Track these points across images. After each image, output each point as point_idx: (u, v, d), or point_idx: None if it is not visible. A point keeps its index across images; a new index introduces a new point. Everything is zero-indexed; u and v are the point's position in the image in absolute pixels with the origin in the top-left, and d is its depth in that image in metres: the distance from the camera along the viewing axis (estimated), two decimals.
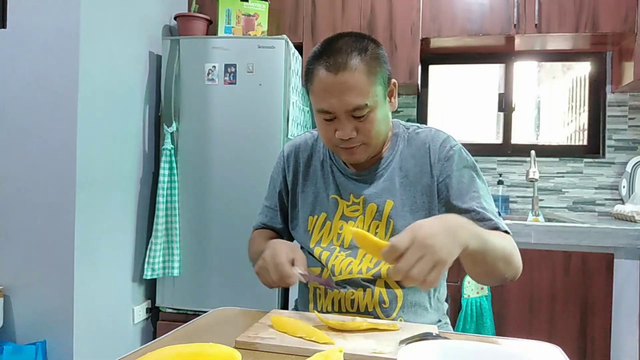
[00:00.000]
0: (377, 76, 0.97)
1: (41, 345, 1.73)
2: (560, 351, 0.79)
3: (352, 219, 1.07)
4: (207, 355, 0.67)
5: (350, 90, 0.94)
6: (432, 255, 0.75)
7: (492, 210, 1.02)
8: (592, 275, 1.89)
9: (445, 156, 1.03)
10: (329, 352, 0.68)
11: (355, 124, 0.97)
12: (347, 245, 1.06)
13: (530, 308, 1.93)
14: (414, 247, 0.75)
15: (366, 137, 0.99)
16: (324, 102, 0.97)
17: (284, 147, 1.22)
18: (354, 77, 0.94)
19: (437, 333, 0.79)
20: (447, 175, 1.03)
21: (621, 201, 2.45)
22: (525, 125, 2.82)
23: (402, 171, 1.06)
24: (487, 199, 1.03)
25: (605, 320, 1.88)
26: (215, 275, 2.15)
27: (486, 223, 0.97)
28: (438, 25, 2.34)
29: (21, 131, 1.80)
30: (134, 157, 2.14)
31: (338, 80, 0.94)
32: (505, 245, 0.92)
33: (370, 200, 1.06)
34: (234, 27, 2.28)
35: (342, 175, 1.11)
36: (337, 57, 0.95)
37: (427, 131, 1.09)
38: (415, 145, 1.07)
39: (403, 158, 1.07)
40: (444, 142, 1.05)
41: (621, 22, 2.17)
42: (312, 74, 1.00)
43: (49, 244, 1.78)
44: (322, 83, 0.96)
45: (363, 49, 0.96)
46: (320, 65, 0.97)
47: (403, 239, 0.76)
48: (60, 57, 1.77)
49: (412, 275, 0.74)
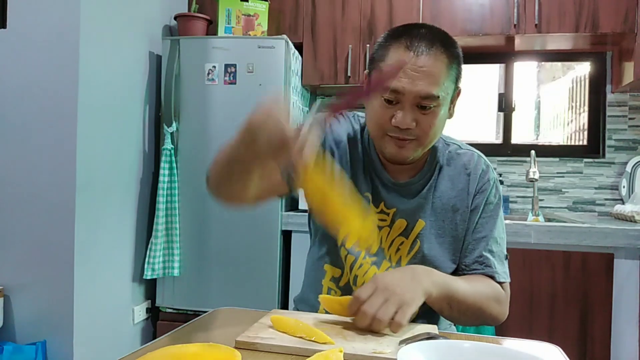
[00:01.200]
0: (453, 72, 0.92)
1: (41, 345, 1.73)
2: (560, 351, 0.79)
3: (378, 228, 1.01)
4: (207, 355, 0.67)
5: (427, 76, 0.87)
6: (395, 298, 0.79)
7: (499, 254, 1.00)
8: (592, 275, 1.89)
9: (482, 188, 1.01)
10: (329, 352, 0.68)
11: (417, 115, 0.90)
12: (374, 252, 1.02)
13: (530, 308, 1.93)
14: (377, 293, 0.80)
15: (422, 133, 0.91)
16: (395, 81, 0.87)
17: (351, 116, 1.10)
18: (435, 64, 0.88)
19: (437, 333, 0.79)
20: (476, 207, 1.01)
21: (621, 201, 2.45)
22: (525, 125, 2.82)
23: (437, 191, 1.01)
24: (500, 239, 1.01)
25: (605, 320, 1.88)
26: (215, 275, 2.15)
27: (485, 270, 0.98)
28: (438, 25, 2.33)
29: (21, 131, 1.80)
30: (134, 157, 2.14)
31: (418, 63, 0.87)
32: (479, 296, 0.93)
33: (402, 215, 1.01)
34: (234, 27, 2.28)
35: (378, 179, 1.03)
36: (422, 39, 0.89)
37: (470, 155, 1.03)
38: (455, 168, 1.02)
39: (441, 178, 1.02)
40: (483, 173, 1.01)
41: (621, 22, 2.17)
42: (386, 49, 0.91)
43: (49, 244, 1.78)
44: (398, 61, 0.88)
45: (447, 42, 0.91)
46: (400, 43, 0.89)
47: (365, 288, 0.81)
48: (60, 57, 1.77)
49: (378, 316, 0.77)
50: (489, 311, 0.95)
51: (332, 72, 2.40)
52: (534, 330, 1.92)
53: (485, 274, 0.99)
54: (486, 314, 0.95)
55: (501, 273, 0.99)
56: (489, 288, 0.97)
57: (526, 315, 1.93)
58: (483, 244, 0.99)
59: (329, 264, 1.05)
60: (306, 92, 2.56)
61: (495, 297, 0.96)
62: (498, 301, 0.97)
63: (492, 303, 0.95)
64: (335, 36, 2.40)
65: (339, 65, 2.40)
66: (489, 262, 0.99)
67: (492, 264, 0.99)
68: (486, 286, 0.97)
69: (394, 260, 1.02)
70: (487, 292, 0.96)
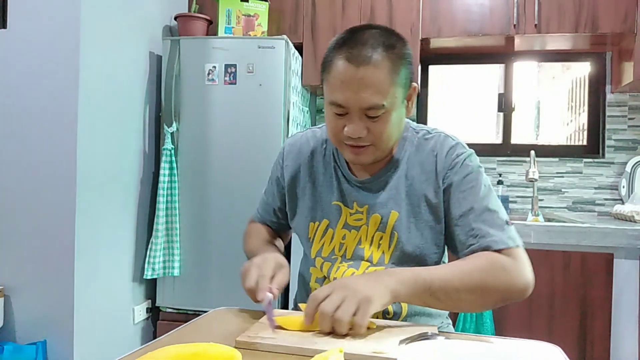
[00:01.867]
0: (399, 76, 0.90)
1: (41, 345, 1.73)
2: (560, 351, 0.79)
3: (355, 228, 1.02)
4: (207, 355, 0.67)
5: (369, 87, 0.87)
6: (354, 296, 0.77)
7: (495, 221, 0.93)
8: (591, 275, 1.89)
9: (451, 164, 0.97)
10: (330, 352, 0.68)
11: (367, 123, 0.91)
12: (350, 256, 1.02)
13: (530, 308, 1.93)
14: (334, 292, 0.78)
15: (376, 139, 0.92)
16: (339, 94, 0.89)
17: (284, 144, 1.15)
18: (376, 73, 0.87)
19: (437, 333, 0.80)
20: (450, 183, 0.96)
21: (621, 201, 2.46)
22: (525, 125, 2.82)
23: (408, 179, 1.00)
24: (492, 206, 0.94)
25: (605, 320, 1.88)
26: (215, 275, 2.15)
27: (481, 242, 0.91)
28: (438, 25, 2.34)
29: (21, 131, 1.80)
30: (134, 157, 2.14)
31: (358, 75, 0.87)
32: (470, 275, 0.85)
33: (375, 210, 1.00)
34: (234, 27, 2.28)
35: (347, 181, 1.04)
36: (361, 49, 0.87)
37: (437, 137, 1.01)
38: (424, 152, 1.00)
39: (410, 165, 1.00)
40: (450, 150, 0.98)
41: (621, 22, 2.17)
42: (330, 62, 0.92)
43: (49, 244, 1.78)
44: (340, 74, 0.89)
45: (390, 46, 0.89)
46: (341, 55, 0.89)
47: (322, 289, 0.80)
48: (60, 57, 1.77)
49: (337, 316, 0.76)
50: (493, 284, 0.86)
51: None
52: (534, 330, 1.92)
53: (482, 246, 0.90)
54: (490, 288, 0.86)
55: (501, 239, 0.90)
56: (482, 260, 0.88)
57: (526, 315, 1.93)
58: (471, 216, 0.93)
59: (313, 266, 1.08)
60: (306, 92, 2.56)
61: (495, 267, 0.87)
62: (503, 269, 0.87)
63: (493, 274, 0.86)
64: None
65: None
66: (482, 233, 0.91)
67: (486, 234, 0.91)
68: (478, 260, 0.88)
69: (376, 256, 1.00)
70: (479, 265, 0.87)
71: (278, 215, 1.19)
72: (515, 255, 0.91)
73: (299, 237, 1.11)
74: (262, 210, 1.22)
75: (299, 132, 1.15)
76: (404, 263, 0.98)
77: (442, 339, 0.74)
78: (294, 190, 1.10)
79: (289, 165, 1.11)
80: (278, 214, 1.19)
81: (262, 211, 1.22)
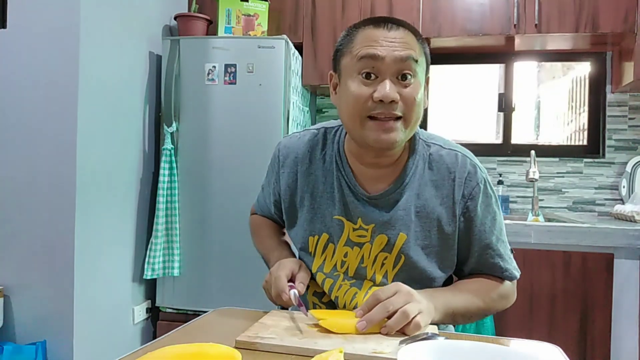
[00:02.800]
0: (424, 52, 0.90)
1: (41, 345, 1.73)
2: (560, 351, 0.79)
3: (358, 245, 0.96)
4: (207, 355, 0.67)
5: (402, 44, 0.85)
6: (417, 304, 0.80)
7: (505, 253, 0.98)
8: (592, 275, 1.89)
9: (471, 194, 0.93)
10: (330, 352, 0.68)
11: (399, 88, 0.85)
12: (352, 274, 0.98)
13: (530, 308, 1.93)
14: (399, 294, 0.80)
15: (407, 109, 0.86)
16: (370, 49, 0.85)
17: (279, 146, 1.07)
18: (407, 36, 0.87)
19: (437, 333, 0.79)
20: (470, 217, 0.94)
21: (621, 201, 2.45)
22: (525, 125, 2.82)
23: (419, 199, 0.94)
24: (504, 237, 0.99)
25: (605, 320, 1.88)
26: (215, 275, 2.15)
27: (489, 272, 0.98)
28: (438, 25, 2.34)
29: (21, 131, 1.80)
30: (134, 157, 2.14)
31: (390, 35, 0.85)
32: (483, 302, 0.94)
33: (382, 230, 0.94)
34: (234, 27, 2.28)
35: (352, 194, 0.96)
36: (387, 19, 0.88)
37: (453, 156, 0.95)
38: (438, 171, 0.94)
39: (423, 183, 0.94)
40: (469, 175, 0.93)
41: (621, 22, 2.17)
42: (352, 36, 0.89)
43: (49, 244, 1.78)
44: (369, 37, 0.86)
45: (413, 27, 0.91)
46: (365, 26, 0.88)
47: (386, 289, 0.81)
48: (60, 57, 1.77)
49: (405, 308, 0.77)
50: (495, 309, 0.97)
51: None
52: (534, 330, 1.92)
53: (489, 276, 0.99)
54: (492, 311, 0.97)
55: (510, 272, 0.98)
56: (491, 288, 0.97)
57: (526, 315, 1.93)
58: (490, 252, 0.96)
59: (313, 280, 1.02)
60: (306, 92, 2.56)
61: (499, 295, 0.97)
62: (503, 296, 0.97)
63: (497, 301, 0.96)
64: (335, 36, 2.40)
65: None
66: (495, 268, 0.97)
67: (499, 269, 0.97)
68: (488, 288, 0.97)
69: (379, 275, 0.97)
70: (492, 295, 0.96)
71: (276, 212, 1.15)
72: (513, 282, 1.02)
73: (298, 249, 1.06)
74: (262, 203, 1.19)
75: (295, 132, 1.08)
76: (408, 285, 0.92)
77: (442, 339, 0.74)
78: (292, 200, 1.03)
79: (285, 173, 1.03)
80: (276, 212, 1.14)
81: (261, 204, 1.20)
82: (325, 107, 2.81)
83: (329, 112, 2.80)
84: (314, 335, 0.80)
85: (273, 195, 1.11)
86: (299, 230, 1.03)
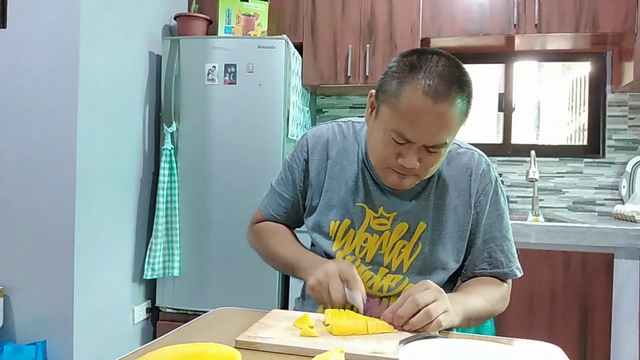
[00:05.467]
0: (467, 115, 0.90)
1: (41, 345, 1.73)
2: (560, 351, 0.79)
3: (377, 233, 1.01)
4: (207, 355, 0.66)
5: (442, 127, 0.85)
6: (444, 303, 0.81)
7: (511, 251, 1.03)
8: (592, 275, 1.89)
9: (485, 190, 1.00)
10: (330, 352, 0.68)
11: (422, 154, 0.88)
12: (369, 260, 1.02)
13: (530, 308, 1.93)
14: (430, 291, 0.81)
15: (424, 170, 0.91)
16: (409, 128, 0.85)
17: (307, 135, 1.09)
18: (451, 112, 0.84)
19: (437, 333, 0.79)
20: (481, 210, 1.01)
21: (621, 201, 2.45)
22: (525, 125, 2.82)
23: (438, 191, 1.01)
24: (509, 235, 1.04)
25: (605, 320, 1.88)
26: (215, 275, 2.15)
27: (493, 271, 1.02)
28: (438, 25, 2.34)
29: (21, 131, 1.80)
30: (134, 157, 2.14)
31: (435, 111, 0.83)
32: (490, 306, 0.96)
33: (403, 218, 1.00)
34: (234, 27, 2.28)
35: (375, 184, 1.02)
36: (439, 82, 0.83)
37: (470, 155, 1.02)
38: (456, 168, 1.01)
39: (442, 178, 1.01)
40: (483, 172, 1.01)
41: (621, 22, 2.17)
42: (401, 85, 0.85)
43: (49, 244, 1.78)
44: (415, 107, 0.83)
45: (464, 82, 0.87)
46: (416, 84, 0.83)
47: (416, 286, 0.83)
48: (60, 57, 1.77)
49: (430, 309, 0.79)
50: (496, 313, 1.00)
51: (332, 72, 2.40)
52: (534, 330, 1.92)
53: (492, 274, 1.02)
54: (494, 315, 1.01)
55: (512, 270, 1.03)
56: (498, 292, 1.00)
57: (526, 315, 1.93)
58: (493, 246, 1.01)
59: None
60: (306, 92, 2.56)
61: (501, 298, 1.01)
62: (503, 299, 1.02)
63: (499, 305, 1.00)
64: (335, 36, 2.40)
65: (339, 65, 2.40)
66: (497, 263, 1.02)
67: (501, 264, 1.02)
68: (496, 291, 1.00)
69: (395, 264, 1.01)
70: (496, 297, 0.99)
71: (289, 209, 1.13)
72: (510, 283, 1.06)
73: (316, 233, 1.07)
74: (273, 204, 1.14)
75: (322, 124, 1.11)
76: (422, 274, 1.00)
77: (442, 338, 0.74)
78: (319, 185, 1.07)
79: (315, 160, 1.07)
80: (290, 208, 1.13)
81: (273, 205, 1.14)
82: (325, 107, 2.81)
83: (329, 112, 2.81)
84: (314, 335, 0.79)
85: (296, 185, 1.10)
86: (321, 214, 1.06)
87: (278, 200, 1.13)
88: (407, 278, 1.00)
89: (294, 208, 1.13)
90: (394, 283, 1.01)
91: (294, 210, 1.13)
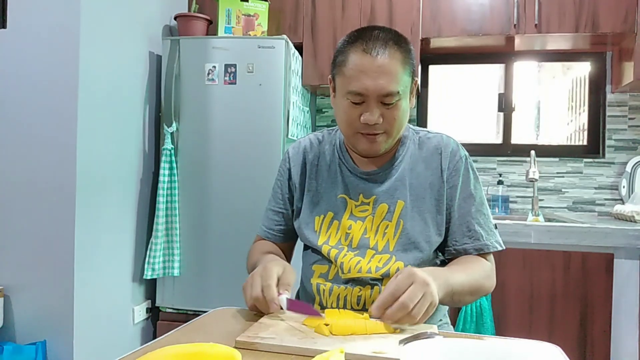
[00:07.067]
0: (409, 67, 1.00)
1: (41, 345, 1.73)
2: (560, 351, 0.79)
3: (360, 219, 1.08)
4: (207, 355, 0.67)
5: (385, 75, 0.96)
6: (430, 296, 0.82)
7: (487, 224, 1.08)
8: (592, 275, 1.89)
9: (455, 166, 1.07)
10: (330, 352, 0.68)
11: (382, 110, 0.99)
12: (355, 245, 1.07)
13: (530, 308, 1.93)
14: (416, 285, 0.81)
15: (389, 126, 1.00)
16: (357, 83, 0.97)
17: (288, 149, 1.21)
18: (391, 63, 0.96)
19: (437, 333, 0.79)
20: (454, 185, 1.07)
21: (621, 201, 2.46)
22: (525, 125, 2.82)
23: (412, 172, 1.08)
24: (485, 210, 1.09)
25: (605, 320, 1.88)
26: (215, 275, 2.15)
27: (475, 244, 1.05)
28: (438, 25, 2.34)
29: (21, 131, 1.80)
30: (134, 157, 2.14)
31: (375, 63, 0.95)
32: (474, 281, 0.99)
33: (382, 200, 1.07)
34: (234, 27, 2.28)
35: (352, 174, 1.11)
36: (375, 42, 0.97)
37: (439, 137, 1.11)
38: (427, 149, 1.10)
39: (414, 160, 1.09)
40: (454, 151, 1.09)
41: (621, 22, 2.17)
42: (346, 55, 1.00)
43: (49, 244, 1.78)
44: (358, 64, 0.97)
45: (399, 40, 1.00)
46: (356, 48, 0.98)
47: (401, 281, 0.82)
48: (60, 57, 1.77)
49: (413, 313, 0.80)
50: (482, 290, 1.03)
51: None
52: (534, 330, 1.92)
53: (475, 248, 1.05)
54: (480, 293, 1.03)
55: (492, 243, 1.06)
56: (481, 269, 1.03)
57: (526, 315, 1.93)
58: (470, 219, 1.06)
59: (316, 263, 1.10)
60: (306, 92, 2.56)
61: (486, 275, 1.04)
62: (488, 277, 1.05)
63: (484, 282, 1.03)
64: (335, 36, 2.40)
65: None
66: (477, 236, 1.06)
67: (481, 237, 1.06)
68: (479, 268, 1.03)
69: (381, 245, 1.06)
70: (480, 274, 1.02)
71: (282, 222, 1.19)
72: (492, 259, 1.09)
73: (304, 233, 1.12)
74: (266, 220, 1.21)
75: (301, 138, 1.22)
76: (408, 250, 1.05)
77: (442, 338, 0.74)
78: (301, 188, 1.15)
79: (295, 166, 1.17)
80: (282, 221, 1.19)
81: (266, 221, 1.21)
82: (325, 107, 2.81)
83: (329, 112, 2.81)
84: (314, 335, 0.80)
85: (285, 197, 1.18)
86: (306, 213, 1.13)
87: (271, 215, 1.21)
88: (393, 256, 1.04)
89: (286, 221, 1.19)
90: (381, 263, 1.04)
91: (286, 223, 1.19)
